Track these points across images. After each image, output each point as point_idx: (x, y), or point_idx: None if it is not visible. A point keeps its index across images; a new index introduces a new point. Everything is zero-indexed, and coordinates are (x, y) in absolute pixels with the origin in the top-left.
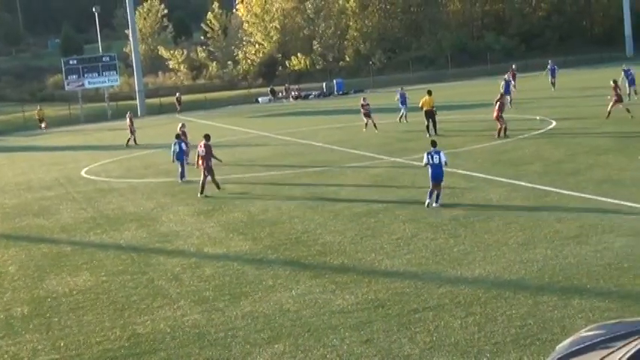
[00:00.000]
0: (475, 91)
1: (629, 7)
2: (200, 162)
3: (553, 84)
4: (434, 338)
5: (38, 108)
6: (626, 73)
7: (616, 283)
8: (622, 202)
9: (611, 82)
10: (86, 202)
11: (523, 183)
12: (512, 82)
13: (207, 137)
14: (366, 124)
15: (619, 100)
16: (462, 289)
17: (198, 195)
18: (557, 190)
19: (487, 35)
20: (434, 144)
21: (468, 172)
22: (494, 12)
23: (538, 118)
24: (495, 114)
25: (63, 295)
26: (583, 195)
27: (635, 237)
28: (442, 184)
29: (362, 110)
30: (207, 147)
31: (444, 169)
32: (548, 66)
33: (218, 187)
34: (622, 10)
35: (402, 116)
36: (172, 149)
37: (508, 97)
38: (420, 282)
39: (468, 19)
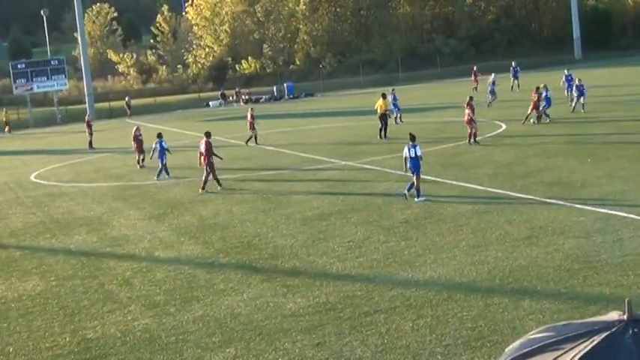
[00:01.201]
0: (426, 95)
1: (577, 10)
2: (202, 159)
3: (516, 85)
4: (385, 341)
5: (4, 111)
6: (567, 77)
7: (566, 284)
8: (572, 205)
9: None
10: (36, 206)
11: (474, 186)
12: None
13: (207, 134)
14: (250, 138)
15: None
16: (413, 292)
17: (200, 191)
18: (508, 193)
19: (437, 38)
20: (412, 138)
21: (420, 175)
22: (443, 15)
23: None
24: (467, 118)
25: (12, 301)
26: (533, 197)
27: (586, 238)
28: (419, 176)
29: (250, 123)
30: (208, 144)
31: (420, 162)
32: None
33: (219, 184)
34: (570, 14)
35: (396, 117)
36: (154, 147)
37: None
38: (372, 285)
39: (418, 22)
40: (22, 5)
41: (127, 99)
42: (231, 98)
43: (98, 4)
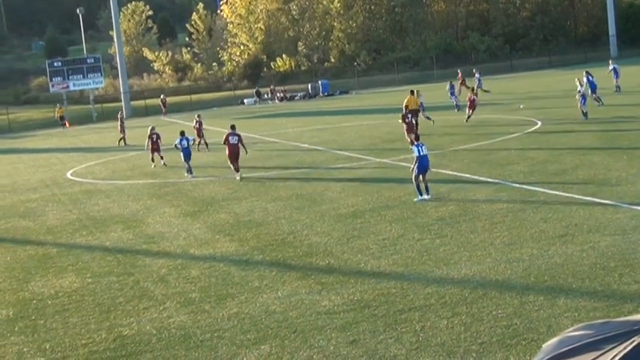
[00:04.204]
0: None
1: (613, 7)
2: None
3: (618, 87)
4: (420, 338)
5: (58, 107)
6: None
7: (602, 282)
8: (608, 202)
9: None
10: (72, 203)
11: (509, 183)
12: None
13: (232, 127)
14: (199, 144)
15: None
16: (448, 289)
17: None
18: (543, 190)
19: (472, 36)
20: (417, 137)
21: (455, 173)
22: (478, 12)
23: (522, 106)
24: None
25: (48, 297)
26: (569, 195)
27: (621, 236)
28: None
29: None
30: (238, 135)
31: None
32: (610, 66)
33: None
34: (606, 11)
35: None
36: (176, 145)
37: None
38: (406, 282)
39: (453, 19)
40: (58, 4)
41: (161, 96)
42: (266, 96)
43: (133, 2)
